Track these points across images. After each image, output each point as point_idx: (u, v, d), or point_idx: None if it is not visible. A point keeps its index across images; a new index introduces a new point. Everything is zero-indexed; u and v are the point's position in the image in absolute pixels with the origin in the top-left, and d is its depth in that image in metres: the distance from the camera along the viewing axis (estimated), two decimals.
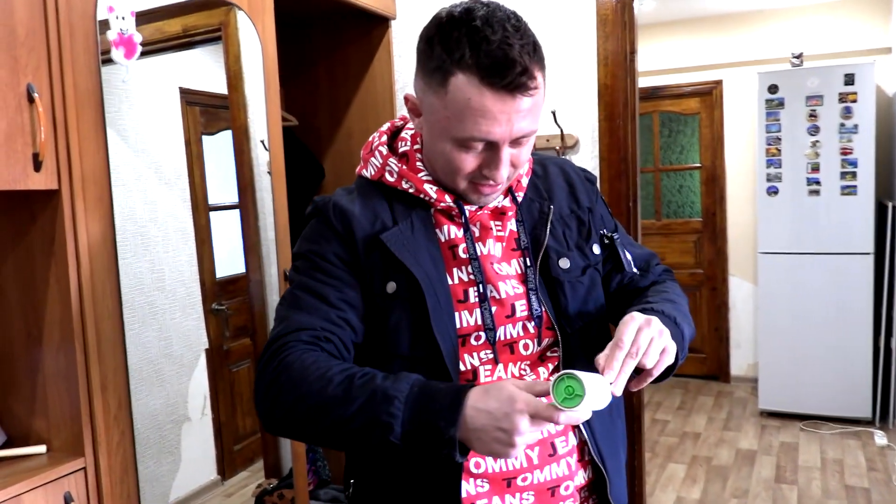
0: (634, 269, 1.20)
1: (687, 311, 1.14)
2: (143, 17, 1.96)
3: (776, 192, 4.32)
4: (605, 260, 1.18)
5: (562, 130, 2.39)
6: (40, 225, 1.38)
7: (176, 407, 2.14)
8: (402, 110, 2.65)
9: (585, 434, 1.10)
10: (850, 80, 4.11)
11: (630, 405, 2.37)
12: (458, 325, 1.05)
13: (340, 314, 1.04)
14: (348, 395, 0.91)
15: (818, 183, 4.22)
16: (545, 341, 1.10)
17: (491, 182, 1.03)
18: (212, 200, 2.24)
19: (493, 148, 0.99)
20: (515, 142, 0.99)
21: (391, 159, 1.11)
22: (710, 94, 5.06)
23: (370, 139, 1.17)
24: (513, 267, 1.10)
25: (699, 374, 5.29)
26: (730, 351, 5.18)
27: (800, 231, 4.28)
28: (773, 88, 4.28)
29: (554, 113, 2.37)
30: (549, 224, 1.11)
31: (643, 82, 5.12)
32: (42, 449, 1.41)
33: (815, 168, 4.22)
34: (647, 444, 4.12)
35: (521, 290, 1.09)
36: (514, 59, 0.92)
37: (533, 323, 1.09)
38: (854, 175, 4.14)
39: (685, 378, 5.29)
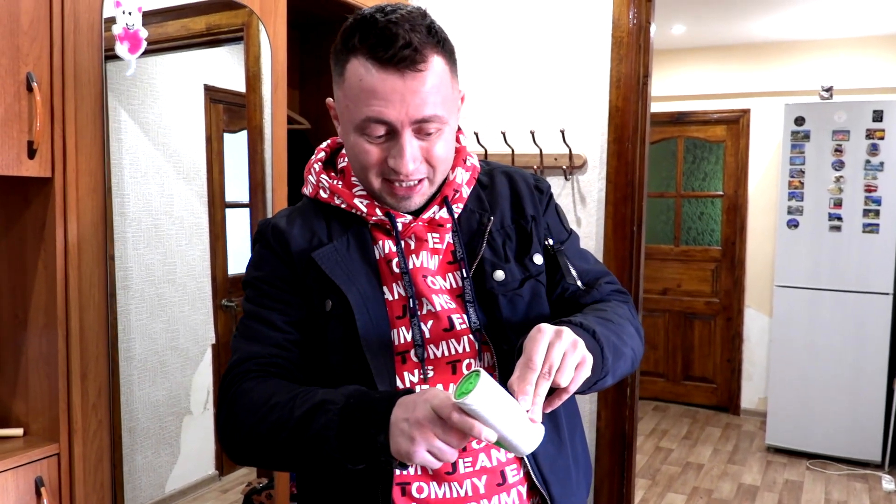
0: (579, 283, 1.14)
1: (626, 330, 1.07)
2: (169, 14, 2.00)
3: (797, 226, 4.25)
4: (549, 271, 1.14)
5: (570, 150, 2.39)
6: (33, 211, 1.41)
7: (178, 399, 2.15)
8: None
9: (527, 460, 1.06)
10: (878, 116, 4.04)
11: (622, 432, 2.35)
12: (396, 342, 1.04)
13: (287, 337, 1.05)
14: (292, 415, 0.93)
15: (840, 219, 4.15)
16: (486, 358, 1.07)
17: (401, 177, 1.00)
18: (228, 197, 2.26)
19: (394, 135, 0.97)
20: (421, 131, 0.98)
21: (322, 175, 1.11)
22: (736, 123, 5.01)
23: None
24: (448, 280, 1.08)
25: (709, 404, 5.22)
26: (741, 383, 5.10)
27: (818, 266, 4.21)
28: (799, 121, 4.22)
29: (563, 132, 2.37)
30: (486, 236, 1.09)
31: (670, 107, 5.10)
32: (19, 432, 1.43)
33: (838, 203, 4.15)
34: (648, 472, 4.07)
35: (453, 304, 1.07)
36: (397, 34, 0.92)
37: (470, 338, 1.06)
38: (877, 213, 4.07)
39: (694, 407, 5.23)
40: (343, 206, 1.08)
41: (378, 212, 1.06)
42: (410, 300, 1.04)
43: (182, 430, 2.16)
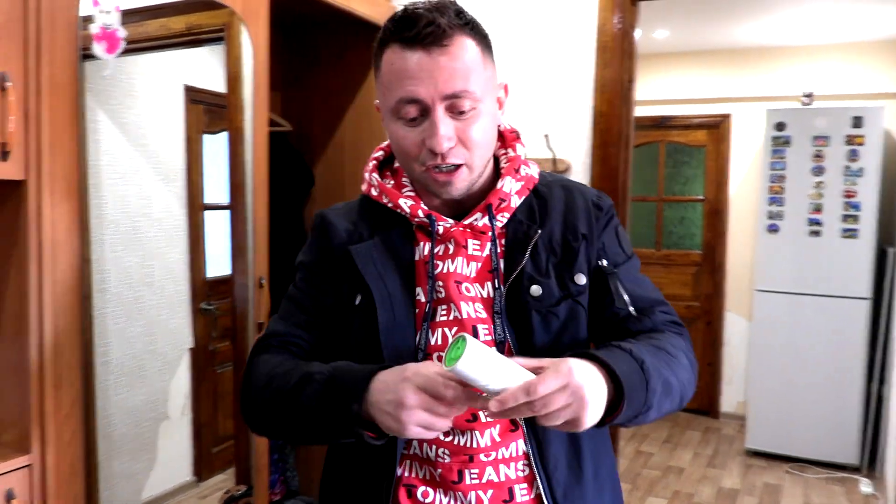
0: (631, 309, 1.09)
1: (680, 363, 1.04)
2: (148, 13, 1.97)
3: (776, 231, 4.28)
4: (597, 293, 1.10)
5: (554, 155, 2.37)
6: (5, 214, 1.37)
7: (156, 404, 2.13)
8: None
9: (539, 482, 1.04)
10: (858, 122, 4.08)
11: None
12: (420, 342, 1.04)
13: (312, 321, 1.12)
14: (287, 384, 1.00)
15: (819, 224, 4.19)
16: None
17: (438, 160, 1.00)
18: (208, 199, 2.24)
19: (427, 115, 0.98)
20: (454, 109, 0.98)
21: (374, 174, 1.14)
22: (717, 128, 5.04)
23: None
24: (485, 289, 1.07)
25: (689, 408, 5.23)
26: (721, 387, 5.12)
27: (798, 271, 4.23)
28: (780, 126, 4.25)
29: (547, 137, 2.36)
30: (529, 248, 1.07)
31: (652, 111, 5.11)
32: None
33: (818, 209, 4.19)
34: (629, 476, 4.07)
35: (484, 314, 1.05)
36: (420, 15, 0.96)
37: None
38: (856, 219, 4.10)
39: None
40: (389, 204, 1.10)
41: (420, 213, 1.08)
42: (428, 305, 1.05)
43: (159, 435, 2.14)
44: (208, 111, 2.27)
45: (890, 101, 4.37)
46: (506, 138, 1.17)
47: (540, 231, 1.09)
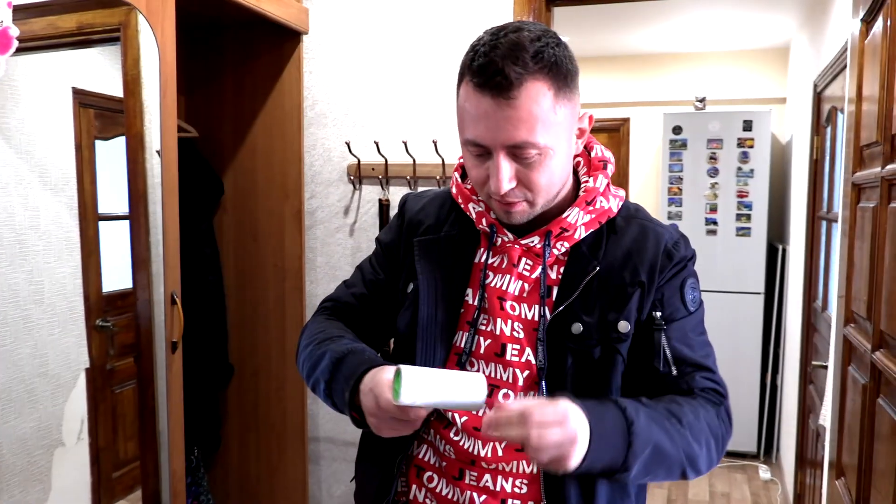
0: (673, 370, 1.06)
1: (693, 436, 1.00)
2: (34, 10, 1.83)
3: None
4: (641, 344, 1.07)
5: (443, 160, 2.39)
6: None
7: (49, 431, 2.00)
8: (310, 128, 2.56)
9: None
10: (748, 126, 4.29)
11: None
12: (458, 343, 1.10)
13: (367, 294, 1.23)
14: (315, 352, 1.12)
15: (715, 223, 4.38)
16: (529, 397, 1.06)
17: (497, 195, 1.02)
18: (102, 209, 2.12)
19: (491, 155, 0.99)
20: (517, 156, 0.98)
21: (456, 173, 1.20)
22: (617, 131, 5.19)
23: None
24: (532, 311, 1.08)
25: None
26: None
27: (696, 268, 4.40)
28: (677, 129, 4.42)
29: (435, 143, 2.37)
30: (582, 284, 1.06)
31: None
32: None
33: (714, 209, 4.38)
34: None
35: (521, 335, 1.07)
36: (493, 61, 0.95)
37: (524, 374, 1.07)
38: (749, 217, 4.32)
39: None
40: (462, 207, 1.16)
41: (484, 222, 1.12)
42: (476, 311, 1.10)
43: (53, 463, 2.01)
44: (100, 116, 2.14)
45: (776, 106, 4.63)
46: (592, 165, 1.15)
47: (598, 268, 1.07)
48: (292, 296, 2.56)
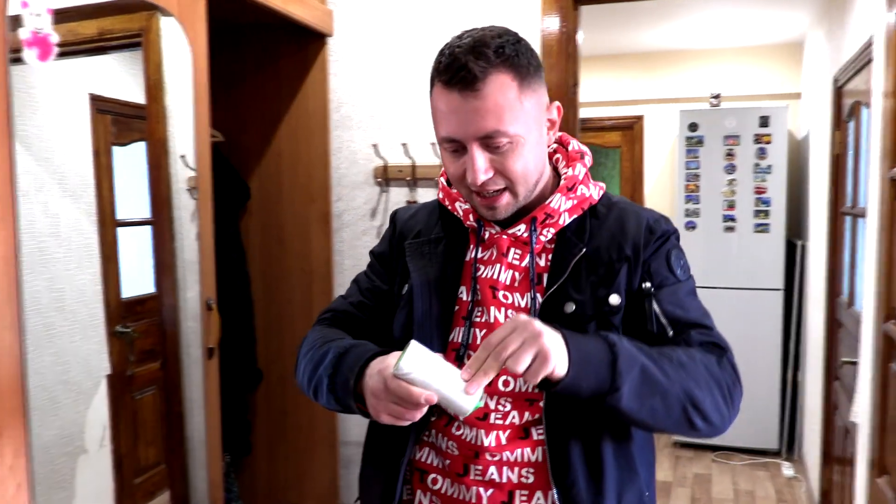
0: (669, 332, 1.09)
1: (688, 373, 1.02)
2: (56, 16, 1.81)
3: (694, 228, 4.42)
4: (634, 313, 1.11)
5: (414, 162, 2.40)
6: None
7: (72, 438, 1.99)
8: (335, 131, 2.55)
9: (555, 495, 1.05)
10: (764, 122, 4.27)
11: None
12: (454, 339, 1.12)
13: (363, 301, 1.25)
14: (317, 353, 1.12)
15: (733, 220, 4.35)
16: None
17: (479, 188, 1.06)
18: (120, 215, 2.10)
19: (466, 150, 1.04)
20: (489, 146, 1.03)
21: (441, 178, 1.23)
22: (631, 129, 5.17)
23: None
24: (524, 299, 1.11)
25: None
26: None
27: (714, 266, 4.39)
28: (693, 126, 4.40)
29: (405, 145, 2.38)
30: (570, 266, 1.10)
31: None
32: None
33: (731, 205, 4.35)
34: None
35: None
36: (455, 58, 1.01)
37: None
38: (767, 214, 4.29)
39: None
40: (450, 208, 1.20)
41: (471, 217, 1.17)
42: (470, 304, 1.12)
43: (77, 470, 1.99)
44: (116, 121, 2.13)
45: (792, 101, 4.60)
46: (570, 157, 1.20)
47: (585, 249, 1.11)
48: (320, 299, 2.54)
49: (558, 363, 0.91)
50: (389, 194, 2.51)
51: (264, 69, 2.55)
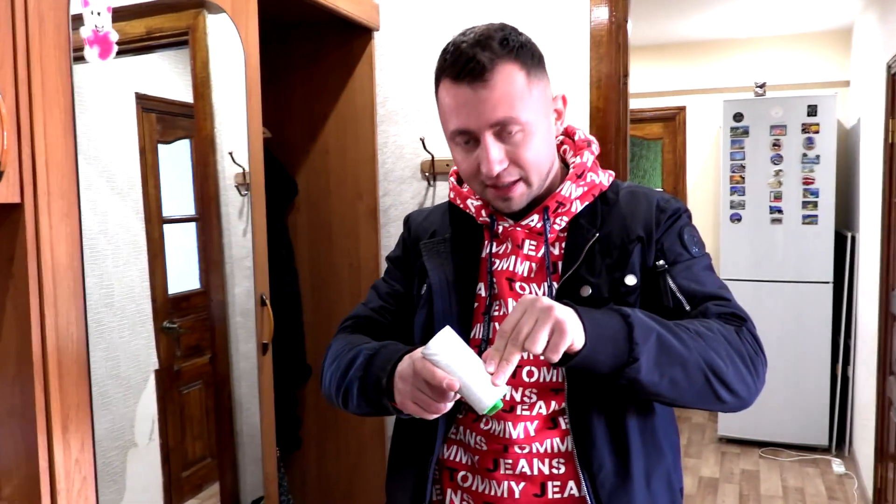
0: (686, 306, 1.08)
1: (707, 343, 0.99)
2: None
3: (739, 220, 4.34)
4: (650, 292, 1.10)
5: (433, 157, 2.37)
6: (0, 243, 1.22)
7: (122, 432, 2.00)
8: (381, 125, 2.54)
9: (584, 482, 1.05)
10: (812, 111, 4.17)
11: None
12: (476, 336, 1.12)
13: (384, 305, 1.26)
14: (346, 358, 1.12)
15: (780, 212, 4.26)
16: (553, 372, 1.09)
17: (494, 180, 1.06)
18: (166, 212, 2.11)
19: (479, 141, 1.05)
20: (502, 135, 1.04)
21: (451, 178, 1.25)
22: (673, 120, 5.09)
23: None
24: (541, 289, 1.11)
25: None
26: None
27: (761, 259, 4.31)
28: (738, 116, 4.31)
29: (423, 140, 2.35)
30: (584, 251, 1.10)
31: None
32: None
33: (778, 197, 4.26)
34: None
35: None
36: (462, 52, 1.02)
37: None
38: (815, 205, 4.20)
39: None
40: (461, 205, 1.21)
41: (483, 213, 1.17)
42: (487, 299, 1.12)
43: (127, 463, 2.01)
44: (161, 120, 2.15)
45: (840, 90, 4.49)
46: (577, 146, 1.21)
47: (598, 234, 1.12)
48: None
49: (575, 335, 0.89)
50: (436, 189, 2.50)
51: (310, 65, 2.55)
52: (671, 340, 0.96)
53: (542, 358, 0.91)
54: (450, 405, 0.95)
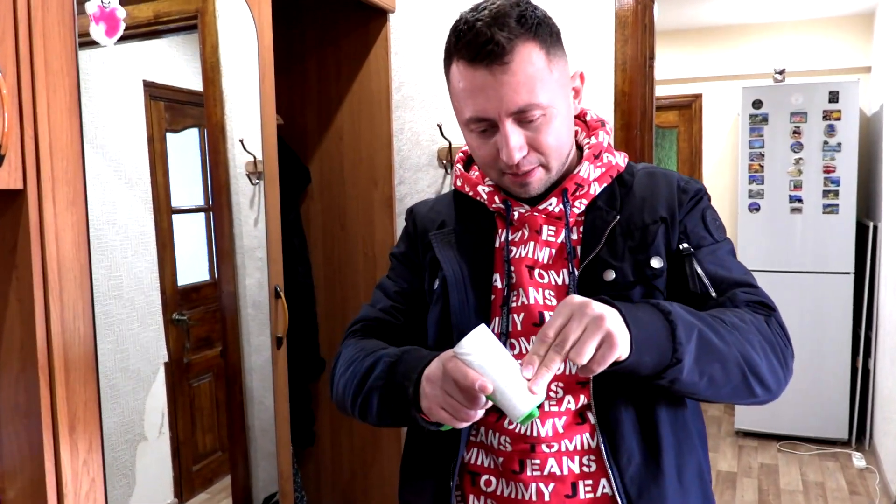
0: (712, 292, 1.03)
1: (742, 335, 0.95)
2: None
3: (758, 209, 4.25)
4: (675, 275, 1.06)
5: (450, 143, 2.30)
6: (1, 232, 1.15)
7: (132, 425, 1.97)
8: (396, 111, 2.47)
9: (613, 479, 0.99)
10: (834, 97, 4.07)
11: None
12: (494, 329, 1.06)
13: (396, 306, 1.18)
14: (362, 367, 1.05)
15: (800, 201, 4.17)
16: None
17: (513, 168, 1.01)
18: (175, 202, 2.06)
19: (497, 128, 0.99)
20: (523, 120, 0.98)
21: (458, 165, 1.19)
22: (689, 108, 5.00)
23: None
24: (561, 276, 1.06)
25: None
26: None
27: (780, 249, 4.22)
28: (757, 104, 4.22)
29: (440, 126, 2.28)
30: (605, 234, 1.05)
31: None
32: None
33: (798, 185, 4.17)
34: None
35: (553, 301, 1.04)
36: (481, 32, 0.94)
37: None
38: (836, 194, 4.10)
39: None
40: (471, 193, 1.14)
41: (497, 199, 1.10)
42: (506, 289, 1.06)
43: (137, 457, 1.98)
44: (169, 108, 2.10)
45: (862, 76, 4.39)
46: (590, 127, 1.17)
47: (619, 217, 1.07)
48: None
49: (623, 347, 0.83)
50: (454, 177, 2.44)
51: (324, 48, 2.47)
52: (711, 337, 0.92)
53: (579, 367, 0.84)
54: (481, 412, 0.88)
